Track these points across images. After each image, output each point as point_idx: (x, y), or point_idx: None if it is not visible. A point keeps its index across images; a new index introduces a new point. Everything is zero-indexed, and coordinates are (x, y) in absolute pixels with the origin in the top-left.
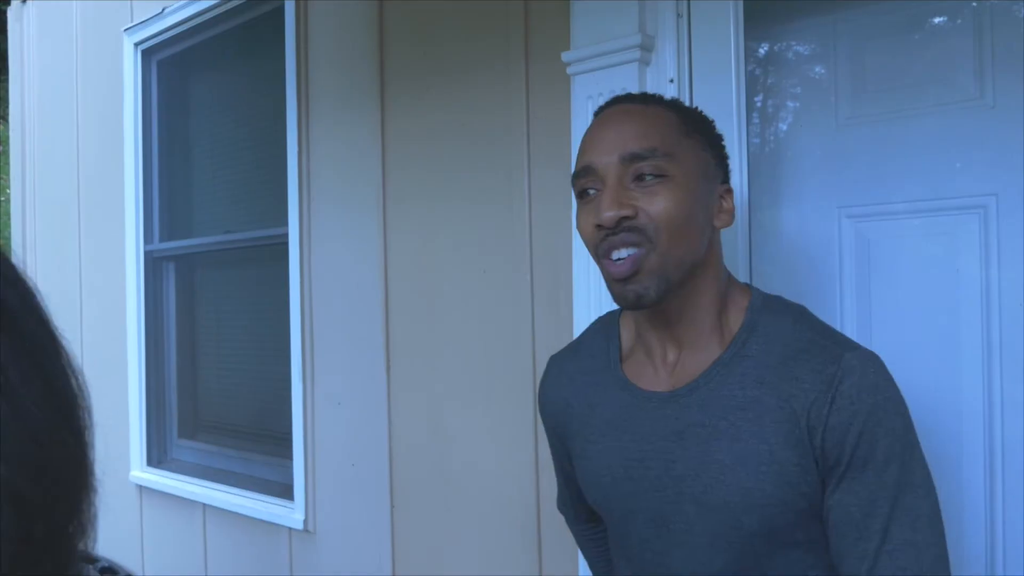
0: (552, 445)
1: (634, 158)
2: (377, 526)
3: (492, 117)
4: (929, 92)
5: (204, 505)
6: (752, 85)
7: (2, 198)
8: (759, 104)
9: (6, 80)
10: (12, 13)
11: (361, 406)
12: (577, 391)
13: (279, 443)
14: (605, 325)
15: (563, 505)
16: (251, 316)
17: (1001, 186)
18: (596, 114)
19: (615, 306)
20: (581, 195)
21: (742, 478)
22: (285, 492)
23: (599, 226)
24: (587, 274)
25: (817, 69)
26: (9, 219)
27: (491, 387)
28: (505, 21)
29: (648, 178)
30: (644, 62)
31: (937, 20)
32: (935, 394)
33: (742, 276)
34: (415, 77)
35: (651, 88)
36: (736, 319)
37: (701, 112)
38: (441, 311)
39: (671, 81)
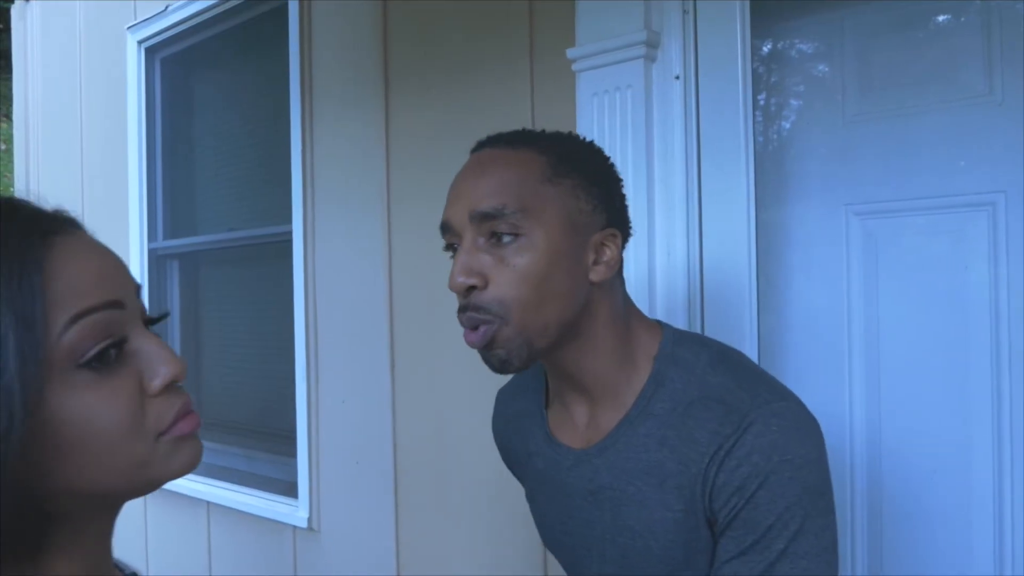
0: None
1: (484, 217)
2: (381, 524)
3: (497, 114)
4: (936, 89)
5: (208, 503)
6: (757, 82)
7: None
8: (764, 101)
9: (10, 78)
10: (16, 11)
11: (365, 404)
12: (515, 435)
13: (283, 441)
14: (540, 364)
15: None
16: (255, 314)
17: (1009, 183)
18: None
19: None
20: (448, 249)
21: (651, 545)
22: (289, 490)
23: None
24: None
25: (823, 66)
26: None
27: (495, 385)
28: (509, 18)
29: (504, 238)
30: (650, 59)
31: (944, 17)
32: (942, 391)
33: (746, 276)
34: (419, 74)
35: (656, 85)
36: (644, 368)
37: (588, 148)
38: (445, 309)
39: (676, 78)
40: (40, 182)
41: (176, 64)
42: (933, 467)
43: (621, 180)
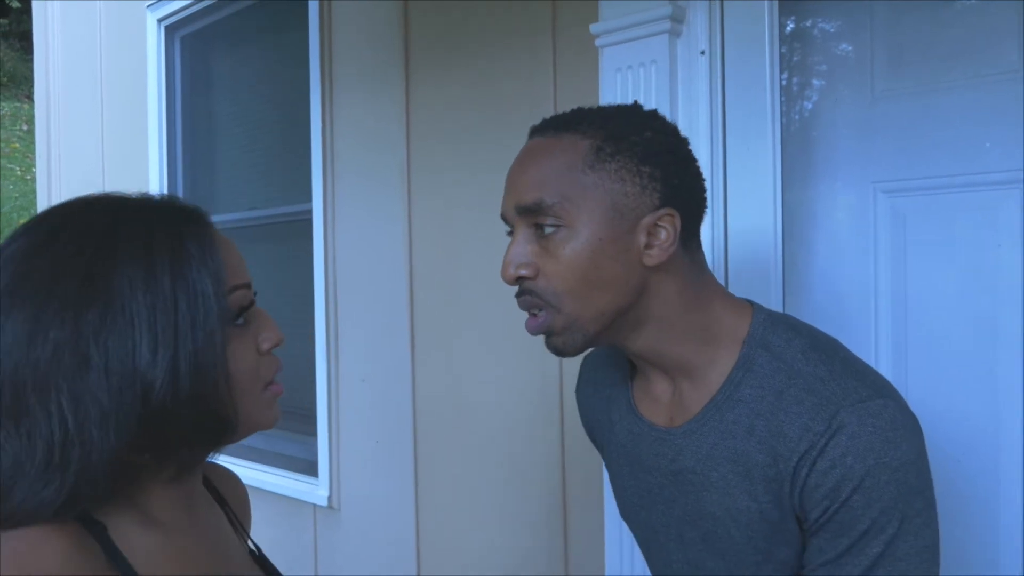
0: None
1: (526, 210)
2: (401, 502)
3: (519, 89)
4: (968, 64)
5: None
6: (783, 59)
7: (28, 176)
8: (788, 79)
9: (31, 59)
10: None
11: (385, 382)
12: (601, 404)
13: (303, 420)
14: None
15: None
16: (275, 292)
17: None
18: None
19: None
20: (509, 235)
21: (734, 534)
22: (309, 468)
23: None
24: None
25: (850, 43)
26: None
27: (516, 363)
28: None
29: (547, 229)
30: (675, 33)
31: None
32: (971, 374)
33: (772, 255)
34: (440, 49)
35: (681, 61)
36: (731, 352)
37: (643, 124)
38: (466, 286)
39: (702, 53)
40: (61, 162)
41: (196, 42)
42: (960, 452)
43: (686, 154)
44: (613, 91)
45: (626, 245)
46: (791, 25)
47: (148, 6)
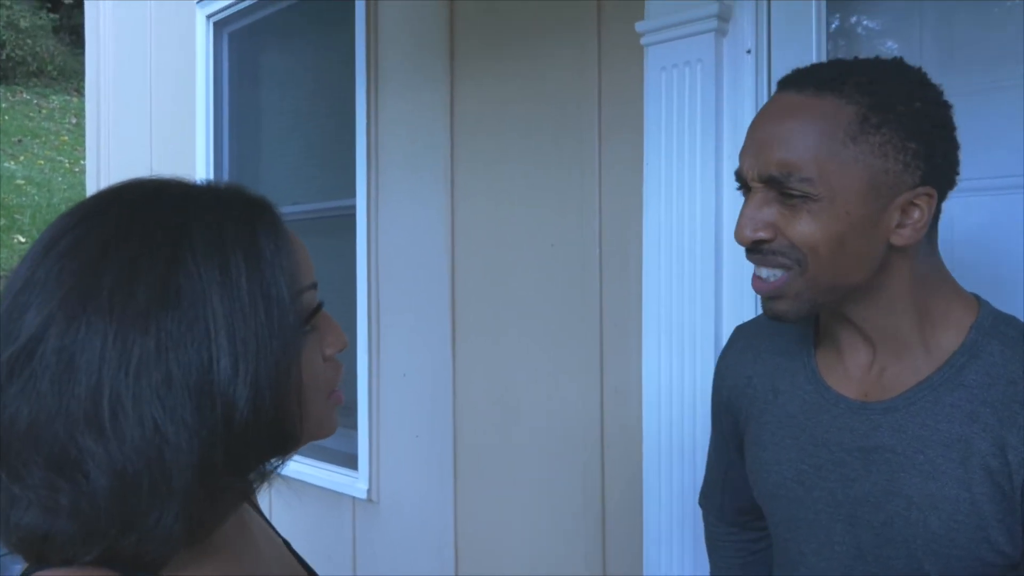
0: (718, 426)
1: (773, 180)
2: (440, 497)
3: (563, 85)
4: (1013, 65)
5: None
6: (830, 57)
7: (76, 169)
8: None
9: (82, 53)
10: None
11: (426, 378)
12: (763, 371)
13: (344, 413)
14: None
15: (707, 500)
16: (319, 287)
17: None
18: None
19: (684, 284)
20: (740, 190)
21: (931, 522)
22: (349, 461)
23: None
24: (658, 248)
25: (897, 42)
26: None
27: (558, 361)
28: None
29: (794, 195)
30: (721, 32)
31: None
32: None
33: None
34: (484, 44)
35: (727, 60)
36: (952, 337)
37: (914, 89)
38: (508, 283)
39: (748, 52)
40: (111, 155)
41: (244, 38)
42: None
43: (952, 128)
44: (658, 90)
45: (876, 221)
46: (837, 23)
47: (197, 3)
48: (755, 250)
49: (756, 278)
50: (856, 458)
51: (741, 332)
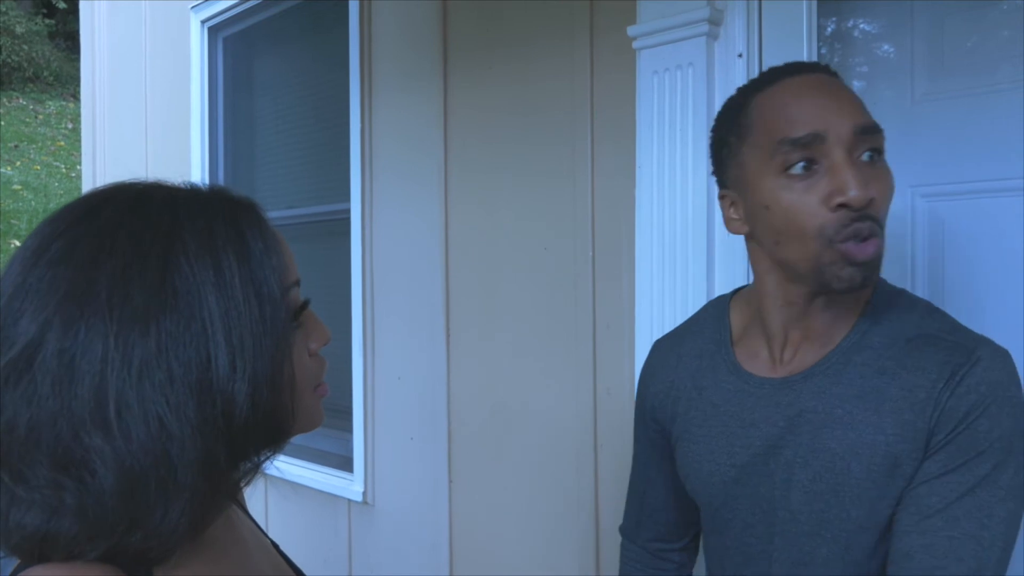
0: (642, 439)
1: (866, 131)
2: (435, 499)
3: (556, 91)
4: (1011, 67)
5: (266, 475)
6: (822, 60)
7: (72, 174)
8: None
9: (78, 59)
10: None
11: (421, 381)
12: (685, 373)
13: (339, 416)
14: (716, 308)
15: (625, 524)
16: (313, 290)
17: None
18: (771, 80)
19: (676, 285)
20: (797, 167)
21: (853, 468)
22: (345, 464)
23: (841, 205)
24: (650, 250)
25: (890, 45)
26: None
27: (551, 363)
28: None
29: (873, 156)
30: (712, 36)
31: None
32: None
33: None
34: (478, 49)
35: (719, 63)
36: (855, 310)
37: None
38: (502, 287)
39: (740, 56)
40: (107, 160)
41: (238, 43)
42: None
43: None
44: (650, 93)
45: None
46: (831, 27)
47: (192, 8)
48: (859, 216)
49: (861, 245)
50: (780, 428)
51: (660, 344)
